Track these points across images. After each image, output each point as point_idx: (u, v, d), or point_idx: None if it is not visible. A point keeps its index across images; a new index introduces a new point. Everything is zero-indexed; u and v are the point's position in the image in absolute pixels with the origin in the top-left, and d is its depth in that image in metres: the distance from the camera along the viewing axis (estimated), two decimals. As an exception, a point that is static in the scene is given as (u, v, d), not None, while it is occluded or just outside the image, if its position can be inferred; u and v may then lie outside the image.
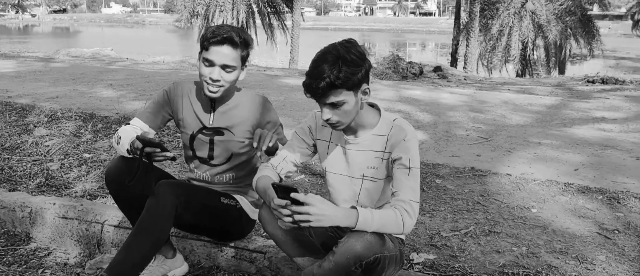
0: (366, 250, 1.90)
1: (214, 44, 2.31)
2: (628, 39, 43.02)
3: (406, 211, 1.97)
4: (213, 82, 2.34)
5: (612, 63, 34.86)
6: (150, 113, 2.58)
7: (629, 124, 5.75)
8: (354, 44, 1.98)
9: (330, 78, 1.90)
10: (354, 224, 1.91)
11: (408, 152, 2.05)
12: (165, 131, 5.16)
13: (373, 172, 2.16)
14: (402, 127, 2.11)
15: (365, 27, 77.28)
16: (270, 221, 2.12)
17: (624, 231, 3.08)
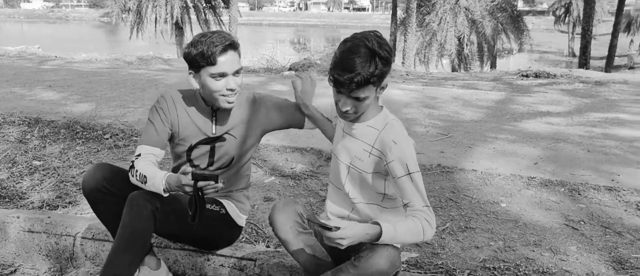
0: (391, 267, 1.92)
1: (220, 55, 2.21)
2: (550, 33, 45.44)
3: (427, 221, 1.98)
4: (232, 92, 2.27)
5: (536, 57, 36.77)
6: (155, 135, 2.40)
7: (572, 117, 6.07)
8: (382, 38, 1.98)
9: (364, 74, 1.89)
10: (377, 239, 1.92)
11: (403, 157, 2.03)
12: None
13: (359, 163, 2.14)
14: (395, 128, 2.10)
15: (300, 22, 77.38)
16: (283, 226, 2.10)
17: (589, 222, 3.25)
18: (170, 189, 2.18)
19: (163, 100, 2.44)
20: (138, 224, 2.18)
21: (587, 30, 20.37)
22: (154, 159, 2.34)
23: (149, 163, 2.30)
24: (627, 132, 5.28)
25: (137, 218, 2.18)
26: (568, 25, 40.26)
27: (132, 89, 7.56)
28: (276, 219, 2.12)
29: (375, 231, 1.91)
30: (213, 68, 2.21)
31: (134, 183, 2.28)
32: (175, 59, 17.39)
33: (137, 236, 2.18)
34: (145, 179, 2.22)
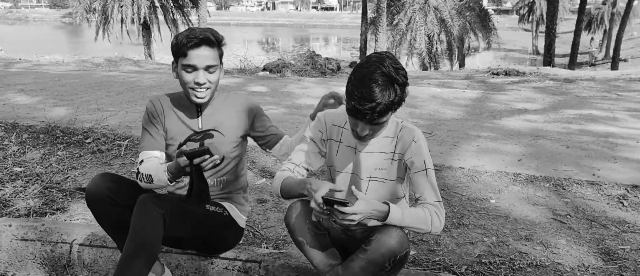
0: (400, 245, 1.96)
1: (192, 48, 2.26)
2: (514, 32, 46.42)
3: (436, 214, 2.05)
4: (199, 86, 2.30)
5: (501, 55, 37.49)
6: (152, 140, 2.45)
7: (548, 114, 6.24)
8: (396, 60, 1.97)
9: (385, 103, 1.88)
10: (384, 218, 1.96)
11: (421, 154, 2.12)
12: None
13: (382, 173, 2.21)
14: (411, 129, 2.17)
15: (268, 22, 77.02)
16: (301, 228, 2.11)
17: (575, 216, 3.37)
18: (174, 176, 2.25)
19: (151, 105, 2.49)
20: (148, 229, 2.17)
21: (551, 29, 20.91)
22: (156, 161, 2.39)
23: (151, 164, 2.36)
24: (602, 128, 5.47)
25: (147, 223, 2.16)
26: (532, 24, 41.22)
27: (108, 92, 7.44)
28: (294, 221, 2.13)
29: (384, 208, 1.97)
30: (184, 59, 2.27)
31: (144, 187, 2.34)
32: (145, 61, 17.16)
33: (147, 241, 2.17)
34: (151, 178, 2.29)
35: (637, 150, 4.64)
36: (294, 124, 5.44)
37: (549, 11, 20.32)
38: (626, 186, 3.74)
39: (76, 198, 3.70)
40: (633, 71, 13.40)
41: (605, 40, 35.87)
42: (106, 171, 4.24)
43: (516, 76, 11.98)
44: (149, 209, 2.19)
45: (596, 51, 32.44)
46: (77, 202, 3.63)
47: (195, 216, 2.38)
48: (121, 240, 2.41)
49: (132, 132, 5.10)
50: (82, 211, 3.48)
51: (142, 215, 2.16)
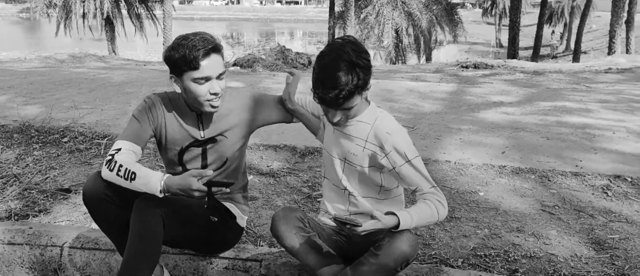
0: (412, 249, 1.96)
1: (203, 59, 2.14)
2: (477, 25, 47.07)
3: (439, 201, 2.05)
4: (216, 96, 2.21)
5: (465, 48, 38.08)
6: (135, 133, 2.32)
7: (524, 106, 6.36)
8: (359, 45, 1.98)
9: (349, 88, 1.91)
10: (396, 228, 1.96)
11: (400, 146, 2.08)
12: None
13: (353, 158, 2.18)
14: (386, 121, 2.14)
15: (233, 16, 76.16)
16: (287, 234, 2.11)
17: (563, 206, 3.44)
18: (170, 191, 2.11)
19: (151, 101, 2.38)
20: (149, 231, 2.12)
21: (515, 22, 21.28)
22: (133, 157, 2.24)
23: (131, 159, 2.21)
24: (577, 120, 5.60)
25: (147, 225, 2.11)
26: (495, 17, 41.97)
27: (79, 89, 7.24)
28: (279, 228, 2.13)
29: (393, 222, 1.96)
30: (196, 72, 2.15)
31: (107, 177, 2.16)
32: (110, 57, 16.75)
33: (149, 242, 2.12)
34: (134, 176, 2.12)
35: (614, 141, 4.77)
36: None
37: (512, 5, 20.68)
38: (609, 177, 3.84)
39: (58, 199, 3.59)
40: (596, 63, 13.77)
41: (565, 33, 36.81)
42: (87, 170, 4.14)
43: (485, 68, 12.17)
44: (148, 211, 2.13)
45: (557, 44, 33.28)
46: (59, 203, 3.52)
47: (194, 217, 2.33)
48: (119, 240, 2.35)
49: (111, 130, 4.97)
50: (66, 212, 3.38)
51: (141, 217, 2.11)
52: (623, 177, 3.84)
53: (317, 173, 3.99)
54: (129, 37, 25.83)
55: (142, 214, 2.14)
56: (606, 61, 14.35)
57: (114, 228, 2.31)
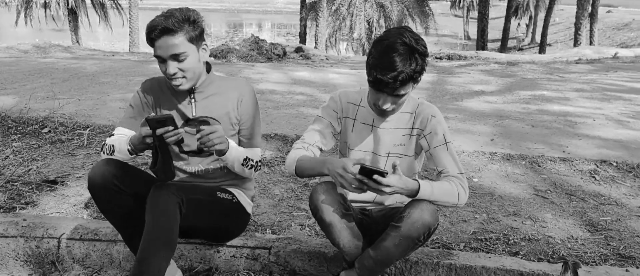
0: (433, 218, 1.98)
1: (155, 40, 2.15)
2: (445, 18, 47.56)
3: (461, 186, 2.09)
4: (172, 76, 2.20)
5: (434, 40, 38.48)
6: (132, 118, 2.41)
7: (505, 95, 6.47)
8: (415, 32, 2.01)
9: (407, 72, 1.91)
10: (415, 194, 1.97)
11: (441, 128, 2.17)
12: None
13: (400, 149, 2.23)
14: (429, 105, 2.23)
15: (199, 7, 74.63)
16: (328, 209, 2.07)
17: (555, 191, 3.51)
18: (136, 148, 2.19)
19: (148, 84, 2.43)
20: (166, 220, 2.08)
21: (484, 15, 21.68)
22: (125, 140, 2.28)
23: (120, 138, 2.30)
24: (558, 108, 5.72)
25: (164, 214, 2.06)
26: (463, 10, 42.52)
27: (52, 79, 7.01)
28: (321, 201, 2.08)
29: (414, 185, 1.99)
30: (154, 50, 2.20)
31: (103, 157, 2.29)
32: (76, 47, 16.32)
33: (166, 232, 2.07)
34: (113, 148, 2.26)
35: (595, 128, 4.90)
36: (263, 109, 5.35)
37: (481, -3, 21.07)
38: (595, 162, 3.93)
39: (44, 191, 3.48)
40: (564, 54, 14.12)
41: (530, 26, 37.58)
42: (71, 161, 4.02)
43: (459, 59, 12.36)
44: (165, 199, 2.09)
45: (523, 36, 33.95)
46: (46, 195, 3.41)
47: (208, 204, 2.30)
48: (126, 230, 2.30)
49: (92, 120, 4.83)
50: (54, 204, 3.28)
51: (158, 206, 2.06)
52: (608, 162, 3.94)
53: (310, 161, 3.97)
54: (93, 27, 25.19)
55: (158, 204, 2.09)
56: (573, 52, 14.73)
57: (121, 218, 2.26)
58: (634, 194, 3.47)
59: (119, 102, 5.61)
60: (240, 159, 2.30)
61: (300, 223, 3.02)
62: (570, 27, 35.59)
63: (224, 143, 2.18)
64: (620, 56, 11.57)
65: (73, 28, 24.59)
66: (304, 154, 2.20)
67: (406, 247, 2.03)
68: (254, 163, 2.37)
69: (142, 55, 13.64)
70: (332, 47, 22.23)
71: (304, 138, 2.28)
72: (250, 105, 2.42)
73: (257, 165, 2.40)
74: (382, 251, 2.06)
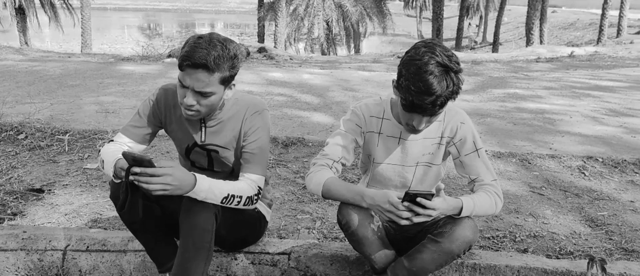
0: (475, 234, 1.96)
1: (188, 67, 1.95)
2: (398, 17, 48.26)
3: (497, 195, 2.07)
4: (188, 107, 2.04)
5: (388, 39, 39.01)
6: (137, 127, 2.25)
7: (480, 94, 6.60)
8: (446, 47, 1.88)
9: (445, 95, 1.81)
10: (459, 212, 1.95)
11: (471, 135, 2.14)
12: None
13: (429, 158, 2.20)
14: (457, 111, 2.17)
15: (150, 6, 73.41)
16: (362, 223, 2.03)
17: (549, 187, 3.60)
18: (116, 175, 2.00)
19: (162, 94, 2.26)
20: (204, 227, 2.00)
21: (438, 14, 22.07)
22: (124, 149, 2.18)
23: (114, 149, 2.14)
24: (533, 105, 5.88)
25: (203, 221, 1.98)
26: (416, 10, 43.22)
27: (16, 82, 6.70)
28: (353, 217, 2.02)
29: (458, 205, 1.96)
30: (180, 72, 2.00)
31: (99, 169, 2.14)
32: (28, 48, 15.65)
33: (205, 239, 2.00)
34: (103, 164, 2.10)
35: (574, 124, 5.06)
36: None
37: (436, -2, 21.44)
38: (582, 158, 4.06)
39: (31, 200, 3.31)
40: (520, 53, 14.56)
41: (481, 25, 38.59)
42: (54, 168, 3.84)
43: (421, 59, 12.52)
44: (202, 206, 2.00)
45: (474, 36, 34.84)
46: (34, 205, 3.24)
47: (234, 214, 2.22)
48: (147, 237, 2.20)
49: (71, 125, 4.64)
50: (44, 214, 3.12)
51: (198, 215, 1.98)
52: (594, 158, 4.07)
53: (305, 163, 3.93)
54: (43, 28, 24.25)
55: (198, 211, 2.00)
56: (528, 51, 15.21)
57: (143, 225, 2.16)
58: (624, 189, 3.59)
59: (94, 106, 5.41)
60: (217, 200, 2.03)
61: (306, 227, 2.98)
62: (518, 27, 36.81)
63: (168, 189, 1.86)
64: (576, 55, 12.02)
65: (21, 29, 23.56)
66: (331, 176, 2.09)
67: (444, 262, 2.01)
68: (242, 199, 2.09)
69: (100, 56, 13.19)
70: (291, 47, 22.19)
71: (327, 154, 2.17)
72: (255, 125, 2.20)
73: (248, 201, 2.13)
74: (418, 263, 2.03)
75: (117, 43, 31.58)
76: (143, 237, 2.20)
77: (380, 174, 2.26)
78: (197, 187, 1.96)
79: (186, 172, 1.94)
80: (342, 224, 2.09)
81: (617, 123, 5.17)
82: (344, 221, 2.07)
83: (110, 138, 4.39)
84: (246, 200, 2.12)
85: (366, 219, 2.04)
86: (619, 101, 6.31)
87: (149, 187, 1.82)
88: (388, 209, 1.89)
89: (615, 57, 12.27)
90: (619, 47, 17.48)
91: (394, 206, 1.88)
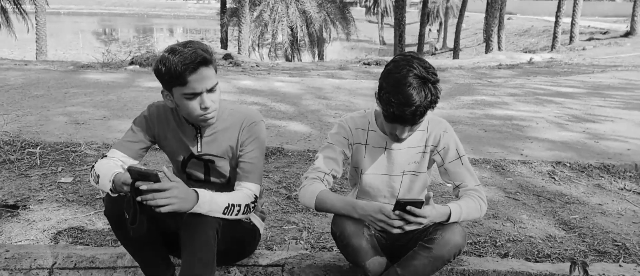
0: (464, 239, 2.03)
1: (191, 74, 1.98)
2: (360, 23, 48.79)
3: (481, 199, 2.16)
4: (207, 110, 2.07)
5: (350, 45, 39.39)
6: (131, 141, 2.26)
7: (449, 101, 6.76)
8: (423, 59, 1.98)
9: (425, 105, 1.90)
10: (447, 219, 2.02)
11: (454, 143, 2.22)
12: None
13: (414, 166, 2.27)
14: (439, 121, 2.26)
15: (105, 10, 71.91)
16: (356, 233, 2.06)
17: (523, 192, 3.73)
18: (116, 189, 2.01)
19: (154, 110, 2.28)
20: (208, 246, 2.00)
21: (401, 21, 22.41)
22: (118, 163, 2.18)
23: (109, 164, 2.15)
24: (500, 112, 6.07)
25: (207, 239, 1.98)
26: (377, 16, 43.79)
27: (-24, 92, 6.49)
28: (348, 227, 2.06)
29: (446, 211, 2.04)
30: (184, 88, 2.00)
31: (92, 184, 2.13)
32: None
33: (211, 258, 2.00)
34: (98, 178, 2.09)
35: (541, 130, 5.24)
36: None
37: (397, 4, 21.77)
38: (551, 163, 4.22)
39: (5, 217, 3.22)
40: (481, 60, 14.93)
41: (441, 31, 39.39)
42: (26, 183, 3.74)
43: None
44: (205, 220, 2.01)
45: (435, 42, 35.54)
46: (8, 221, 3.16)
47: (231, 229, 2.22)
48: (146, 253, 2.19)
49: (41, 137, 4.53)
50: (20, 231, 3.04)
51: (202, 231, 1.98)
52: (563, 163, 4.24)
53: (286, 173, 3.95)
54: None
55: (198, 224, 2.00)
56: (489, 57, 15.62)
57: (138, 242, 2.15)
58: (592, 193, 3.76)
59: (62, 117, 5.29)
60: (220, 211, 2.05)
61: (293, 237, 3.00)
62: (476, 33, 37.75)
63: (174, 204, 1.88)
64: (535, 61, 12.42)
65: (-33, 35, 22.71)
66: (324, 188, 2.15)
67: (436, 267, 2.08)
68: (241, 208, 2.13)
69: (58, 63, 12.87)
70: (255, 53, 22.14)
71: (318, 167, 2.22)
72: (252, 136, 2.23)
73: (246, 209, 2.16)
74: (410, 270, 2.09)
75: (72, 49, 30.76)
76: (141, 254, 2.18)
77: (368, 185, 2.31)
78: (201, 200, 1.97)
79: (187, 187, 1.95)
80: (336, 236, 2.13)
81: (580, 129, 5.39)
82: (339, 232, 2.11)
83: (83, 149, 4.34)
84: (245, 208, 2.15)
85: (360, 230, 2.09)
86: (580, 107, 6.58)
87: (156, 203, 1.82)
88: (380, 219, 1.95)
89: (571, 63, 12.74)
90: (573, 54, 18.16)
91: (386, 215, 1.94)
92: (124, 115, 5.51)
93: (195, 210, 1.97)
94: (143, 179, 1.84)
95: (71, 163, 4.05)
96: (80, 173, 3.87)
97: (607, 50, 18.98)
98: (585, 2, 26.04)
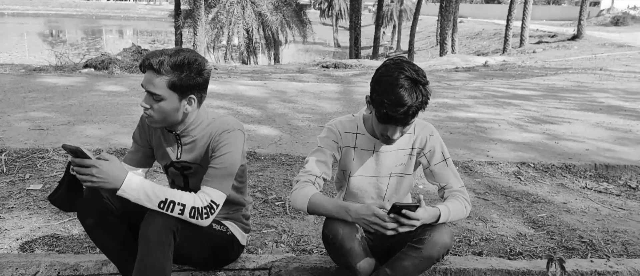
0: (451, 239, 2.12)
1: (141, 68, 2.11)
2: (314, 25, 48.95)
3: (466, 200, 2.26)
4: (144, 108, 2.13)
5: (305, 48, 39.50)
6: (132, 152, 2.37)
7: (412, 104, 6.90)
8: (412, 63, 2.08)
9: (416, 105, 1.98)
10: (437, 220, 2.11)
11: (440, 145, 2.33)
12: None
13: (401, 168, 2.35)
14: (426, 125, 2.36)
15: (52, 11, 69.45)
16: (349, 236, 2.11)
17: (491, 193, 3.88)
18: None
19: (143, 117, 2.29)
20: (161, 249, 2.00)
21: (356, 24, 22.70)
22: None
23: None
24: (463, 114, 6.25)
25: (159, 243, 2.00)
26: (332, 18, 44.08)
27: None
28: (341, 230, 2.11)
29: (436, 213, 2.13)
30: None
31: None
32: None
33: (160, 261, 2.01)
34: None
35: (503, 132, 5.44)
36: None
37: (352, 7, 22.04)
38: (516, 164, 4.40)
39: (-24, 226, 3.12)
40: (436, 62, 15.29)
41: (395, 34, 40.00)
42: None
43: (345, 68, 12.86)
44: (161, 222, 2.02)
45: (389, 44, 36.07)
46: (-20, 231, 3.06)
47: (201, 235, 2.24)
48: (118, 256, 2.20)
49: (5, 144, 4.39)
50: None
51: (153, 234, 1.99)
52: (527, 163, 4.43)
53: (260, 177, 3.97)
54: None
55: (154, 229, 2.01)
56: (444, 60, 16.00)
57: (112, 243, 2.17)
58: (556, 192, 3.94)
59: (25, 122, 5.13)
60: (154, 202, 2.01)
61: (273, 240, 3.03)
62: (429, 36, 38.53)
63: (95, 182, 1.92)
64: (490, 64, 12.81)
65: None
66: (316, 192, 2.19)
67: (425, 267, 2.16)
68: (185, 208, 2.05)
69: (9, 67, 12.39)
70: (210, 55, 21.90)
71: (309, 171, 2.26)
72: (222, 143, 2.19)
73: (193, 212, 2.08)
74: (400, 270, 2.15)
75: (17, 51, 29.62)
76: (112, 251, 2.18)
77: (356, 187, 2.37)
78: (125, 184, 1.97)
79: (120, 168, 1.97)
80: (329, 238, 2.17)
81: (540, 130, 5.62)
82: (331, 235, 2.15)
83: (50, 156, 4.22)
84: (191, 211, 2.07)
85: (352, 232, 2.14)
86: (537, 108, 6.85)
87: (81, 178, 1.92)
88: (374, 222, 2.01)
89: (524, 66, 13.21)
90: (524, 57, 18.80)
91: (380, 217, 2.00)
92: (89, 120, 5.38)
93: (121, 194, 1.98)
94: (73, 155, 1.92)
95: (39, 170, 3.95)
96: (50, 180, 3.78)
97: (556, 53, 19.76)
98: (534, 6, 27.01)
